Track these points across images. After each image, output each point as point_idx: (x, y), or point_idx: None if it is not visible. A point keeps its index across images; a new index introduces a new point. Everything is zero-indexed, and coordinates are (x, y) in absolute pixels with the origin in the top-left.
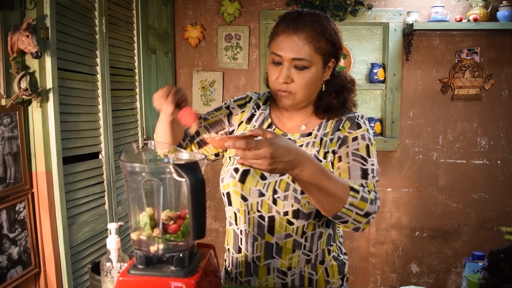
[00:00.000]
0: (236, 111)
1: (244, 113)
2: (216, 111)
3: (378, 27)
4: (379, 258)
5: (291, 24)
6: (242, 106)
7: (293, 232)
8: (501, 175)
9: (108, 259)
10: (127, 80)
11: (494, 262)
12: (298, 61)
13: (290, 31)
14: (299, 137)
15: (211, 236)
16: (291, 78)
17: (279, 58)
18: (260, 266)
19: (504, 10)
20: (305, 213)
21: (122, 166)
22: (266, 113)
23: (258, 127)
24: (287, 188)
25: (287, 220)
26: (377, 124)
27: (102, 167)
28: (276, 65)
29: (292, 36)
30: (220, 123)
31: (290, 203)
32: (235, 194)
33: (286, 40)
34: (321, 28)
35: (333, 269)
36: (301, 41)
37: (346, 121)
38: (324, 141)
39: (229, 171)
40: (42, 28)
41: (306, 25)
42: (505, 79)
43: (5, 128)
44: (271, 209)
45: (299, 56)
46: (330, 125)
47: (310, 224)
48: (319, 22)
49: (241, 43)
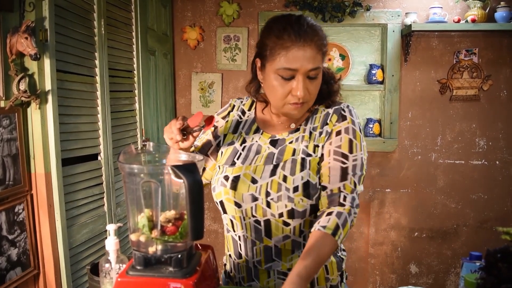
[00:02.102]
0: (220, 123)
1: (228, 122)
2: (204, 134)
3: (377, 28)
4: (378, 258)
5: (301, 37)
6: (226, 116)
7: (290, 233)
8: (499, 176)
9: (107, 260)
10: (126, 82)
11: (491, 262)
12: (314, 71)
13: (303, 43)
14: (287, 135)
15: (210, 237)
16: (307, 89)
17: (294, 72)
18: (261, 270)
19: (502, 11)
20: (300, 211)
21: (121, 167)
22: (251, 118)
23: (245, 133)
24: (279, 189)
25: (283, 222)
26: (376, 125)
27: (101, 168)
28: (287, 80)
29: (306, 48)
30: (208, 143)
31: (284, 203)
32: (228, 202)
33: (300, 52)
34: (322, 34)
35: (332, 265)
36: (313, 50)
37: (333, 114)
38: (313, 135)
39: (219, 180)
40: (41, 30)
41: (315, 34)
42: (503, 79)
43: (4, 130)
44: (266, 212)
45: (314, 66)
46: (318, 119)
47: (307, 221)
48: (318, 28)
49: (239, 45)
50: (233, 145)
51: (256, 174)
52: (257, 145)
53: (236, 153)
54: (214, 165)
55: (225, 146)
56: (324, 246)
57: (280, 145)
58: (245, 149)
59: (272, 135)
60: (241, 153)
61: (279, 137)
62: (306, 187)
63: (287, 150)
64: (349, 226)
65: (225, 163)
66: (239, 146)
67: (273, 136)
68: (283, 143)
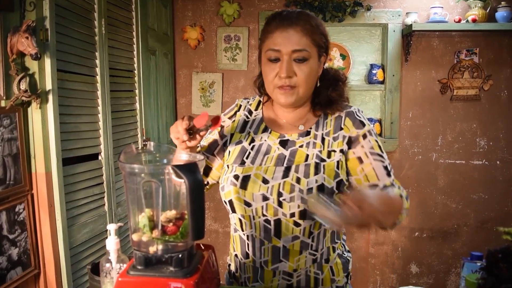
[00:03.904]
0: (226, 123)
1: (235, 122)
2: (210, 134)
3: (377, 28)
4: (379, 258)
5: (285, 21)
6: (232, 116)
7: (300, 234)
8: (500, 176)
9: (107, 260)
10: (127, 82)
11: (492, 262)
12: (299, 52)
13: (286, 26)
14: (297, 137)
15: (211, 237)
16: (293, 72)
17: (277, 53)
18: (267, 270)
19: (503, 11)
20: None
21: (122, 167)
22: (259, 117)
23: (253, 133)
24: (292, 190)
25: (293, 222)
26: (377, 125)
27: (101, 168)
28: (274, 62)
29: (289, 30)
30: (214, 142)
31: (297, 204)
32: (238, 201)
33: (283, 34)
34: (315, 22)
35: (338, 267)
36: (298, 33)
37: (346, 118)
38: (326, 141)
39: (229, 179)
40: (41, 30)
41: (300, 19)
42: (504, 79)
43: (5, 130)
44: (277, 212)
45: (299, 47)
46: (330, 123)
47: (317, 223)
48: (311, 17)
49: (240, 44)
50: (241, 144)
51: (267, 175)
52: (267, 145)
53: (245, 152)
54: (220, 164)
55: (233, 146)
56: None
57: (291, 147)
58: (254, 149)
59: (281, 134)
60: (250, 152)
61: (289, 138)
62: (321, 190)
63: (298, 153)
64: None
65: (234, 162)
66: (247, 145)
67: (282, 135)
68: (293, 145)
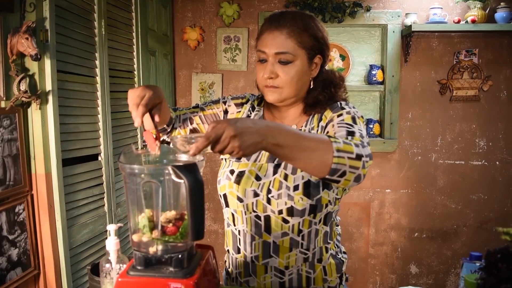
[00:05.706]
0: (232, 109)
1: (240, 113)
2: (214, 104)
3: (377, 29)
4: (378, 259)
5: (273, 22)
6: (239, 105)
7: (289, 230)
8: (499, 176)
9: (107, 261)
10: (127, 82)
11: (491, 262)
12: (282, 55)
13: (273, 28)
14: None
15: (210, 237)
16: (276, 73)
17: (264, 54)
18: (258, 265)
19: (502, 12)
20: (299, 209)
21: (121, 167)
22: (260, 114)
23: None
24: (280, 187)
25: (282, 219)
26: (376, 126)
27: (101, 168)
28: (262, 62)
29: (274, 32)
30: (215, 117)
31: (284, 201)
32: (231, 196)
33: (269, 36)
34: (303, 24)
35: (331, 267)
36: (283, 35)
37: (327, 110)
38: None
39: (225, 173)
40: (41, 31)
41: (288, 21)
42: (503, 80)
43: (5, 130)
44: (266, 208)
45: (281, 50)
46: (315, 120)
47: (306, 221)
48: (301, 18)
49: (240, 45)
50: None
51: (260, 172)
52: None
53: None
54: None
55: None
56: (315, 136)
57: None
58: None
59: None
60: None
61: None
62: (307, 186)
63: None
64: (354, 151)
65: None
66: None
67: None
68: None
